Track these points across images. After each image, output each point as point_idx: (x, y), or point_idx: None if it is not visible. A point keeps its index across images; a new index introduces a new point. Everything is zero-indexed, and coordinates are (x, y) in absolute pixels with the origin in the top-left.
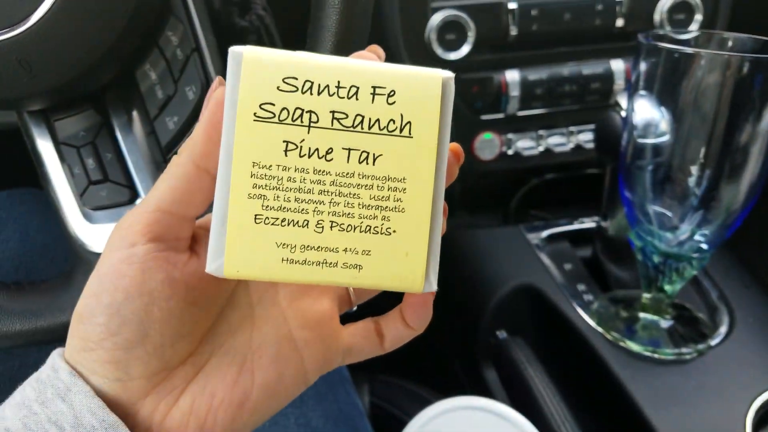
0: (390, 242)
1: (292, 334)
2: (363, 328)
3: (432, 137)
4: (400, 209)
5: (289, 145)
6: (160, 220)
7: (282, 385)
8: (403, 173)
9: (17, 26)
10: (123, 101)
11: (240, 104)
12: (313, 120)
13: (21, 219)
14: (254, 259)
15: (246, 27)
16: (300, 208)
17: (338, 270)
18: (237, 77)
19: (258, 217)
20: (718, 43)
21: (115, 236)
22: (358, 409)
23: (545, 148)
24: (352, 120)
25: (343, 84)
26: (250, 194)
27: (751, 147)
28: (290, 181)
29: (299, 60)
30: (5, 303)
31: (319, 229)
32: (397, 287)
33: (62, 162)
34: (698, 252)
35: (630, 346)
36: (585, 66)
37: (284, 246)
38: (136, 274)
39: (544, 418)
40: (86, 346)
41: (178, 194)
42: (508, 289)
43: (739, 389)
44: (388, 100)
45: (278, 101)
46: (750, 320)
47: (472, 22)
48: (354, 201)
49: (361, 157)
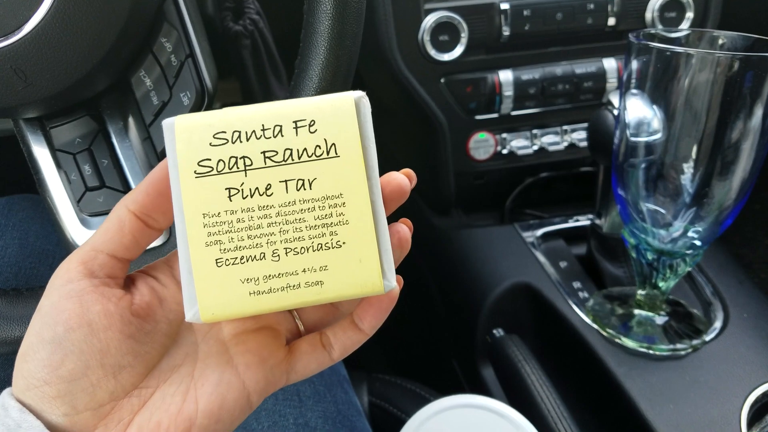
0: (342, 253)
1: (233, 360)
2: (307, 342)
3: (357, 151)
4: (344, 222)
5: (231, 191)
6: (94, 258)
7: (225, 409)
8: (339, 190)
9: (12, 35)
10: (118, 108)
11: (180, 165)
12: (247, 164)
13: (20, 225)
14: (224, 299)
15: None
16: (254, 243)
17: (302, 290)
18: (173, 143)
19: (219, 261)
20: (708, 41)
21: (54, 278)
22: (356, 409)
23: (539, 147)
24: (282, 155)
25: (267, 126)
26: (207, 242)
27: (743, 144)
28: (239, 222)
29: (225, 116)
30: (4, 309)
31: (276, 257)
32: (360, 293)
33: (59, 168)
34: (691, 248)
35: (625, 342)
36: (577, 65)
37: (248, 281)
38: (75, 307)
39: (541, 415)
40: (31, 384)
41: (109, 235)
42: (504, 288)
43: (734, 384)
44: (310, 130)
45: (213, 155)
46: (744, 315)
47: (465, 23)
48: (301, 225)
49: (298, 185)
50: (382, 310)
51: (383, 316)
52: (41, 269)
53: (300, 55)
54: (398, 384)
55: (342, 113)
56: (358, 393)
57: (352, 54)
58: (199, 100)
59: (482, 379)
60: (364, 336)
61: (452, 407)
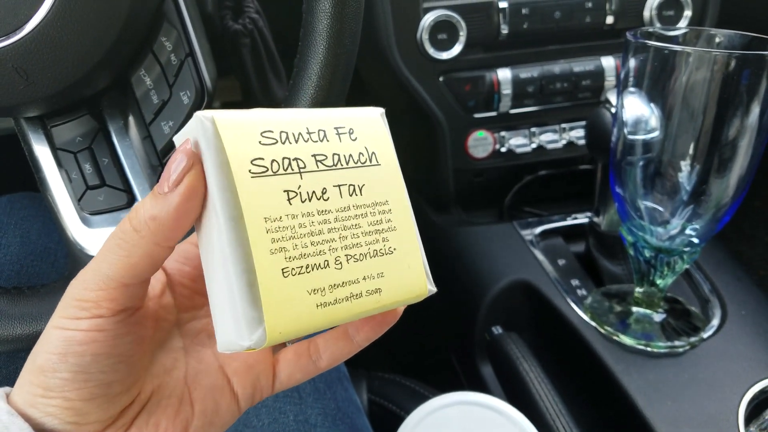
0: (394, 260)
1: (223, 368)
2: (293, 352)
3: (393, 160)
4: (393, 228)
5: (290, 193)
6: (124, 294)
7: (218, 414)
8: (384, 196)
9: (13, 34)
10: (119, 107)
11: (233, 164)
12: (301, 166)
13: (22, 223)
14: (293, 314)
15: (239, 30)
16: (318, 251)
17: (363, 299)
18: (214, 139)
19: (285, 271)
20: (706, 39)
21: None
22: (356, 406)
23: (538, 145)
24: (332, 160)
25: (312, 129)
26: (272, 249)
27: (740, 141)
28: (302, 227)
29: (267, 115)
30: (6, 308)
31: (338, 265)
32: (409, 299)
33: (60, 167)
34: (689, 246)
35: (623, 339)
36: (576, 63)
37: (315, 291)
38: (107, 340)
39: (539, 412)
40: (45, 394)
41: (138, 270)
42: (502, 285)
43: (732, 381)
44: (351, 137)
45: (266, 155)
46: (742, 312)
47: (464, 22)
48: (357, 231)
49: (350, 190)
50: (383, 326)
51: (380, 332)
52: (43, 267)
53: (299, 54)
54: (397, 381)
55: (375, 124)
56: (357, 390)
57: (351, 53)
58: (198, 98)
59: (481, 377)
60: (356, 348)
61: (451, 404)
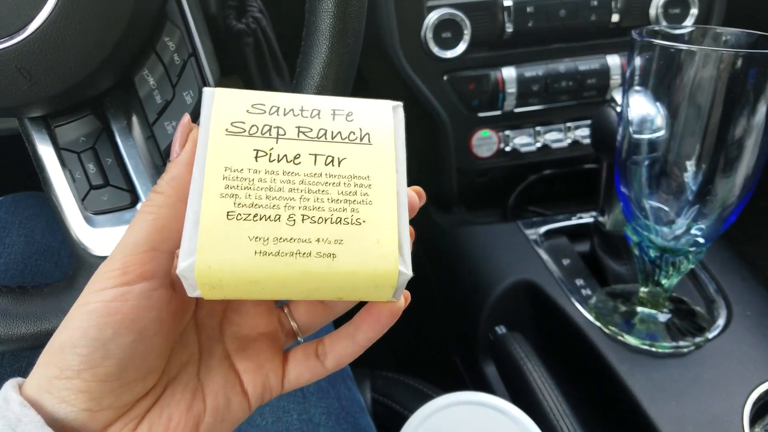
0: (361, 231)
1: (235, 366)
2: (302, 351)
3: (389, 143)
4: (368, 202)
5: (259, 152)
6: (153, 259)
7: (230, 410)
8: (367, 172)
9: (16, 35)
10: (122, 107)
11: (213, 122)
12: (280, 133)
13: (26, 222)
14: (227, 254)
15: (242, 30)
16: (271, 204)
17: (312, 260)
18: (210, 106)
19: (230, 213)
20: (712, 37)
21: (105, 273)
22: (359, 405)
23: (542, 144)
24: (316, 132)
25: (306, 108)
26: (223, 194)
27: (746, 140)
28: (261, 182)
29: (265, 93)
30: (10, 307)
31: (291, 222)
32: (373, 273)
33: (63, 167)
34: (694, 246)
35: (628, 339)
36: (581, 62)
37: (257, 239)
38: (130, 312)
39: (543, 412)
40: (63, 375)
41: (166, 233)
42: (506, 285)
43: (737, 382)
44: (347, 118)
45: (248, 120)
46: (747, 313)
47: (468, 20)
48: (323, 196)
49: (327, 160)
50: (381, 322)
51: (381, 331)
52: (47, 266)
53: (302, 54)
54: (401, 381)
55: (380, 111)
56: (361, 390)
57: (354, 52)
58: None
59: (484, 377)
60: (359, 348)
61: (454, 404)
